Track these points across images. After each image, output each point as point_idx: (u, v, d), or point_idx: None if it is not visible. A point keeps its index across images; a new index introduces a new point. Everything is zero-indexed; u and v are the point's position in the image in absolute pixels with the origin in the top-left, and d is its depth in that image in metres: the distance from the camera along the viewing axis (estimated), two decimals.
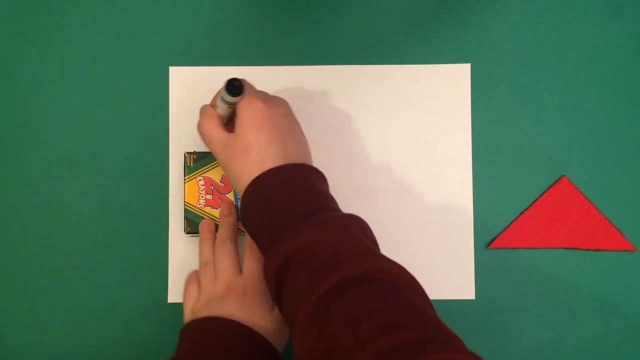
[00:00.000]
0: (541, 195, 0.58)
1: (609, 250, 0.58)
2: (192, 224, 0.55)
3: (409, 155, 0.59)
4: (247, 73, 0.59)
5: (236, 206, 0.55)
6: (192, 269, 0.57)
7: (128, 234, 0.58)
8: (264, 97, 0.49)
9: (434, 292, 0.58)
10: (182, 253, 0.58)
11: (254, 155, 0.46)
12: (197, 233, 0.55)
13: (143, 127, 0.59)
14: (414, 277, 0.41)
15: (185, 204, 0.55)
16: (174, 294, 0.58)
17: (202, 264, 0.54)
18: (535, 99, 0.59)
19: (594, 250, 0.58)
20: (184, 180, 0.56)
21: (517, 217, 0.58)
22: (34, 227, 0.58)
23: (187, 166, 0.56)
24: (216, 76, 0.59)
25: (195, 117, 0.59)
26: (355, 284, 0.38)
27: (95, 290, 0.58)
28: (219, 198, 0.55)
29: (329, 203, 0.46)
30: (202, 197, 0.55)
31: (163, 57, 0.59)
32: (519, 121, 0.59)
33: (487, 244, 0.58)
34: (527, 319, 0.58)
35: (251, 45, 0.60)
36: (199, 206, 0.55)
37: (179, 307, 0.57)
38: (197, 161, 0.56)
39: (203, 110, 0.51)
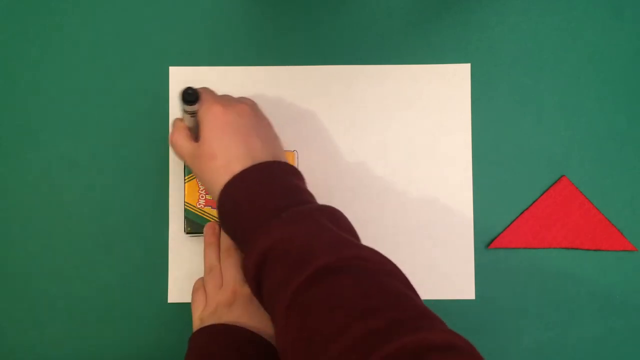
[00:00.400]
0: (541, 195, 0.58)
1: (609, 250, 0.58)
2: (192, 224, 0.55)
3: (409, 155, 0.59)
4: (247, 73, 0.59)
5: None
6: (195, 272, 0.57)
7: (128, 234, 0.58)
8: (223, 100, 0.49)
9: (434, 292, 0.58)
10: (182, 253, 0.58)
11: (220, 160, 0.46)
12: (197, 233, 0.55)
13: (143, 127, 0.59)
14: (392, 262, 0.41)
15: (185, 204, 0.55)
16: (174, 294, 0.58)
17: (207, 269, 0.54)
18: (535, 99, 0.59)
19: (594, 250, 0.58)
20: (184, 180, 0.56)
21: (517, 217, 0.58)
22: (34, 227, 0.58)
23: (187, 166, 0.56)
24: (216, 76, 0.59)
25: None
26: (329, 273, 0.39)
27: (95, 290, 0.58)
28: None
29: (301, 197, 0.46)
30: (202, 197, 0.55)
31: (163, 57, 0.59)
32: (519, 121, 0.59)
33: (487, 244, 0.58)
34: (527, 319, 0.58)
35: (251, 45, 0.60)
36: (199, 206, 0.55)
37: (179, 307, 0.57)
38: None
39: (173, 124, 0.52)
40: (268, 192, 0.45)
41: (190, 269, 0.57)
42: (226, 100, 0.49)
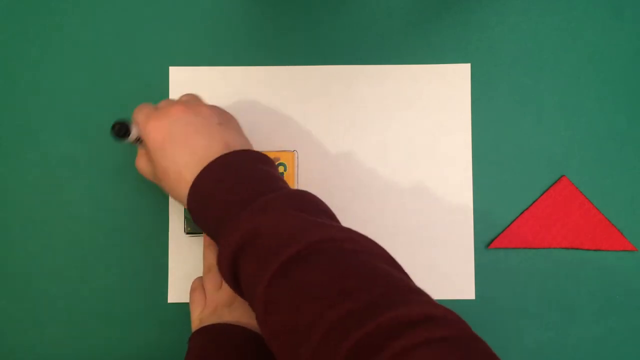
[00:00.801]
0: (541, 195, 0.58)
1: (609, 250, 0.58)
2: (192, 224, 0.55)
3: (409, 155, 0.59)
4: (247, 73, 0.59)
5: None
6: (195, 272, 0.57)
7: (128, 234, 0.58)
8: (156, 114, 0.47)
9: (434, 292, 0.58)
10: (182, 253, 0.58)
11: (172, 174, 0.45)
12: (197, 233, 0.55)
13: None
14: (370, 240, 0.40)
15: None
16: (174, 294, 0.58)
17: (207, 269, 0.54)
18: (535, 99, 0.59)
19: (594, 250, 0.58)
20: None
21: (517, 217, 0.58)
22: (34, 227, 0.58)
23: None
24: (216, 76, 0.59)
25: None
26: (300, 261, 0.37)
27: (95, 290, 0.58)
28: None
29: (268, 184, 0.44)
30: None
31: (163, 57, 0.59)
32: (519, 121, 0.59)
33: (487, 244, 0.58)
34: (527, 319, 0.58)
35: (251, 45, 0.60)
36: None
37: (179, 307, 0.57)
38: None
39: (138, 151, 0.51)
40: (229, 187, 0.43)
41: (190, 269, 0.57)
42: (159, 113, 0.47)
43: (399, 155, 0.59)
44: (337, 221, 0.44)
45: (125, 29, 0.59)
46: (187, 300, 0.56)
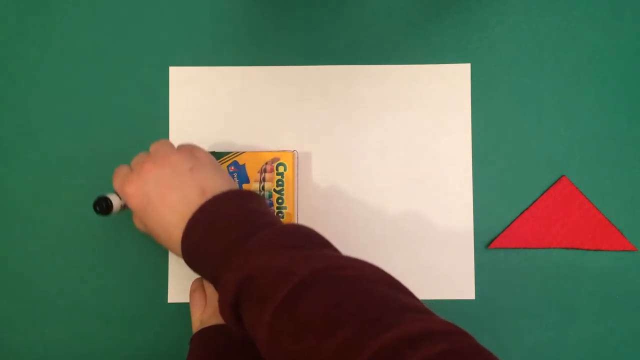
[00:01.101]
0: (541, 195, 0.58)
1: (609, 251, 0.58)
2: None
3: (409, 155, 0.59)
4: (247, 73, 0.59)
5: None
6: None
7: (128, 234, 0.58)
8: (129, 178, 0.46)
9: (434, 292, 0.58)
10: None
11: (161, 234, 0.45)
12: None
13: (143, 127, 0.59)
14: (361, 262, 0.40)
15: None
16: (174, 294, 0.58)
17: None
18: (535, 99, 0.59)
19: (594, 250, 0.58)
20: None
21: (517, 217, 0.58)
22: (34, 227, 0.58)
23: None
24: (216, 76, 0.59)
25: (194, 117, 0.60)
26: (294, 298, 0.37)
27: (95, 290, 0.58)
28: None
29: (252, 223, 0.43)
30: None
31: (163, 57, 0.59)
32: (519, 121, 0.59)
33: (487, 244, 0.58)
34: (527, 319, 0.58)
35: (251, 45, 0.60)
36: None
37: (179, 307, 0.57)
38: None
39: None
40: (216, 236, 0.42)
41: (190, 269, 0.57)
42: (132, 177, 0.46)
43: (399, 155, 0.59)
44: (332, 248, 0.43)
45: (125, 29, 0.59)
46: (187, 301, 0.56)
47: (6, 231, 0.58)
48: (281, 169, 0.55)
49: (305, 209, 0.58)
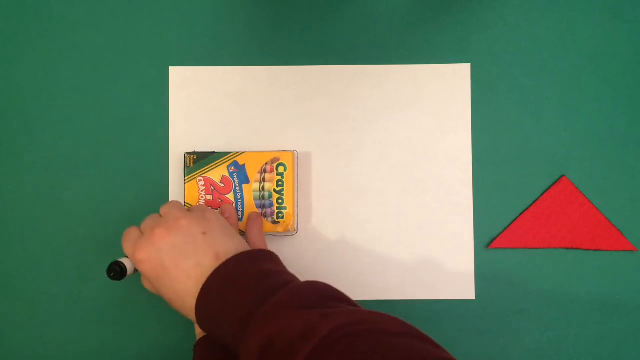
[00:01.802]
0: (541, 195, 0.58)
1: (609, 251, 0.58)
2: None
3: (409, 155, 0.59)
4: (247, 73, 0.59)
5: (236, 207, 0.55)
6: None
7: None
8: (140, 244, 0.46)
9: (434, 292, 0.58)
10: None
11: (176, 302, 0.45)
12: None
13: (143, 127, 0.59)
14: (380, 314, 0.39)
15: (185, 204, 0.55)
16: None
17: None
18: (535, 99, 0.59)
19: (594, 250, 0.58)
20: (184, 180, 0.56)
21: (517, 217, 0.58)
22: (34, 227, 0.58)
23: (187, 166, 0.56)
24: (216, 76, 0.59)
25: (194, 117, 0.60)
26: (332, 344, 0.36)
27: (95, 290, 0.58)
28: (219, 199, 0.55)
29: (267, 285, 0.43)
30: (202, 197, 0.55)
31: (163, 57, 0.59)
32: (519, 121, 0.59)
33: (487, 244, 0.58)
34: (527, 319, 0.58)
35: (251, 45, 0.60)
36: None
37: None
38: (197, 162, 0.56)
39: None
40: (232, 302, 0.42)
41: None
42: (143, 242, 0.46)
43: (399, 155, 0.59)
44: (351, 302, 0.42)
45: (125, 29, 0.59)
46: None
47: (6, 231, 0.58)
48: (281, 169, 0.55)
49: (306, 209, 0.58)
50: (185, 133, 0.59)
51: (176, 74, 0.59)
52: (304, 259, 0.58)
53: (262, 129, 0.59)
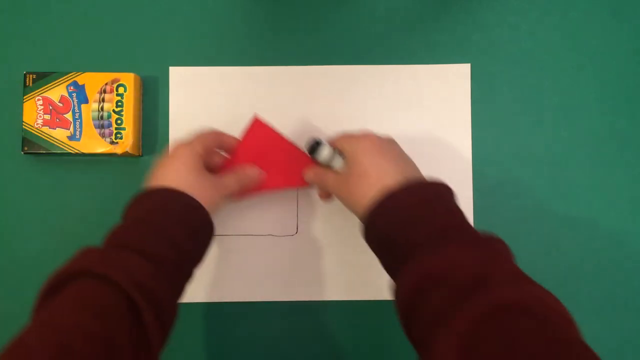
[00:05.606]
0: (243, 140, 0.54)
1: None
2: (29, 144, 0.56)
3: (409, 155, 0.59)
4: (247, 73, 0.59)
5: (74, 127, 0.56)
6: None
7: None
8: (365, 134, 0.50)
9: None
10: None
11: (373, 177, 0.46)
12: (35, 152, 0.55)
13: (143, 127, 0.59)
14: (564, 307, 0.37)
15: (24, 123, 0.56)
16: None
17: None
18: (535, 99, 0.59)
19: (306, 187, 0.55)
20: (22, 100, 0.56)
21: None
22: (34, 227, 0.58)
23: (27, 86, 0.56)
24: (216, 76, 0.59)
25: (194, 117, 0.60)
26: (509, 311, 0.34)
27: None
28: (57, 118, 0.56)
29: (465, 221, 0.43)
30: (40, 117, 0.56)
31: (163, 57, 0.59)
32: (519, 121, 0.59)
33: None
34: None
35: (251, 45, 0.60)
36: (36, 126, 0.56)
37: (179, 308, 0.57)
38: (37, 81, 0.56)
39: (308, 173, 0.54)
40: (433, 213, 0.42)
41: None
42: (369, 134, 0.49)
43: None
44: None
45: (125, 29, 0.59)
46: (187, 300, 0.56)
47: (6, 231, 0.58)
48: (121, 89, 0.56)
49: (306, 209, 0.58)
50: (185, 133, 0.59)
51: (176, 74, 0.59)
52: (304, 259, 0.58)
53: None
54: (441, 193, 0.45)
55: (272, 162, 0.54)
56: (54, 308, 0.39)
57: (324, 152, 0.52)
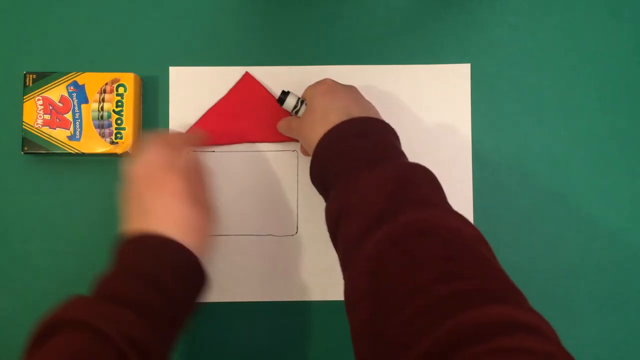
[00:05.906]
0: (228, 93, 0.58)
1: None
2: (29, 144, 0.56)
3: (409, 155, 0.59)
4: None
5: (74, 127, 0.56)
6: None
7: None
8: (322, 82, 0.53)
9: None
10: None
11: (318, 113, 0.48)
12: (35, 152, 0.56)
13: (143, 127, 0.59)
14: (477, 229, 0.40)
15: (24, 123, 0.56)
16: None
17: None
18: (535, 99, 0.59)
19: (285, 141, 0.58)
20: (23, 100, 0.56)
21: (202, 115, 0.58)
22: (33, 227, 0.58)
23: (27, 86, 0.56)
24: (216, 76, 0.59)
25: (194, 117, 0.59)
26: (415, 233, 0.37)
27: None
28: (57, 118, 0.56)
29: (393, 153, 0.46)
30: (40, 117, 0.56)
31: (163, 57, 0.59)
32: (519, 121, 0.59)
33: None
34: None
35: (251, 45, 0.60)
36: (36, 126, 0.56)
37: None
38: (37, 81, 0.56)
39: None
40: (361, 144, 0.45)
41: None
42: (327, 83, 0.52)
43: None
44: (447, 201, 0.44)
45: (125, 29, 0.59)
46: None
47: (6, 231, 0.58)
48: (121, 89, 0.56)
49: (306, 209, 0.58)
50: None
51: (176, 74, 0.59)
52: (304, 259, 0.58)
53: None
54: (374, 127, 0.47)
55: (255, 116, 0.57)
56: (43, 357, 0.39)
57: (290, 101, 0.54)
